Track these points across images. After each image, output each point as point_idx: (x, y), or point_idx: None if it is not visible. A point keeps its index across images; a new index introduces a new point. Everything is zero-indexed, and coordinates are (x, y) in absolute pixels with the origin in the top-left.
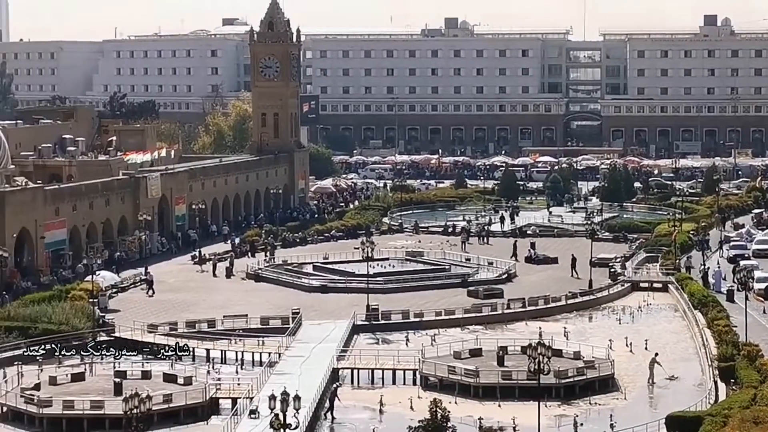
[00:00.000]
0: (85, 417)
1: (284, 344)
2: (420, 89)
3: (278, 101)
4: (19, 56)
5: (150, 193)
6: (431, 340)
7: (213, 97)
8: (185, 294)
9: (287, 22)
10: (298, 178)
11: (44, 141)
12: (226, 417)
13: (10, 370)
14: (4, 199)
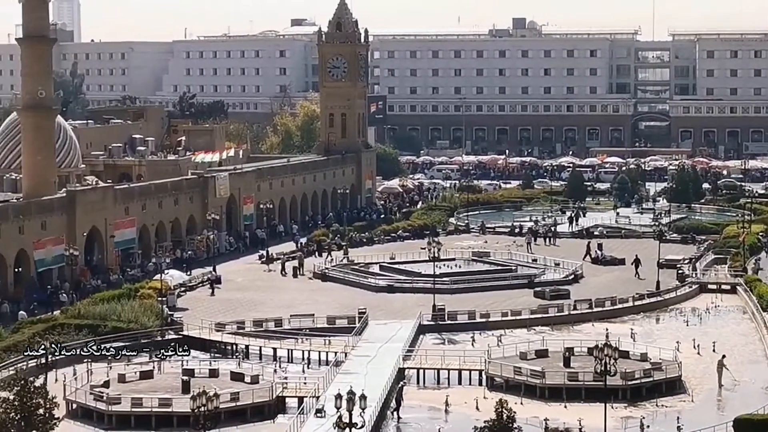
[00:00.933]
0: (153, 414)
1: (350, 344)
2: (487, 89)
3: (346, 101)
4: (91, 57)
5: (218, 193)
6: (497, 340)
7: (281, 98)
8: (252, 293)
9: (355, 23)
10: (366, 178)
11: (114, 141)
12: (292, 416)
13: (80, 367)
14: (75, 198)
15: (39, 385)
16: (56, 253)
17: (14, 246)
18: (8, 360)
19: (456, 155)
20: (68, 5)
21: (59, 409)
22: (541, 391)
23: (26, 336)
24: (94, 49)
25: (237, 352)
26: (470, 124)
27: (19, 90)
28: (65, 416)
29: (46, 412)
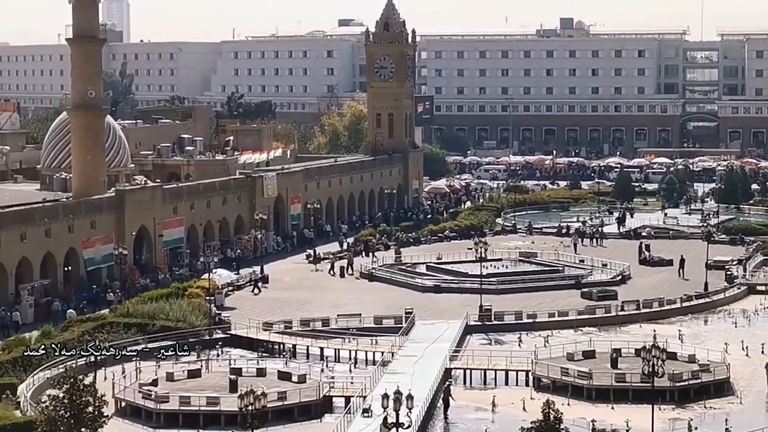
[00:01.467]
0: (201, 413)
1: (397, 344)
2: (535, 90)
3: (393, 101)
4: (140, 57)
5: (266, 193)
6: (544, 341)
7: (329, 98)
8: (300, 292)
9: (402, 23)
10: (413, 178)
11: (163, 140)
12: (339, 415)
13: (129, 365)
14: (124, 197)
15: (88, 383)
16: (105, 252)
17: (64, 245)
18: (58, 358)
19: (503, 155)
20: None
21: (108, 407)
22: (588, 392)
23: (76, 334)
24: (144, 49)
25: (284, 352)
26: (517, 125)
27: (69, 90)
28: (114, 414)
29: (95, 410)
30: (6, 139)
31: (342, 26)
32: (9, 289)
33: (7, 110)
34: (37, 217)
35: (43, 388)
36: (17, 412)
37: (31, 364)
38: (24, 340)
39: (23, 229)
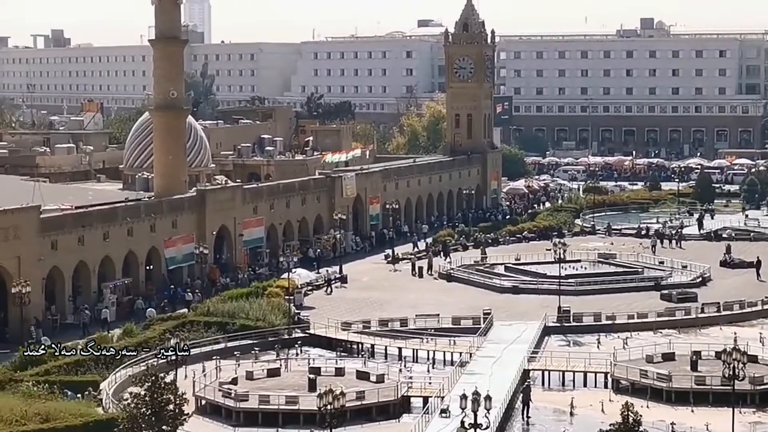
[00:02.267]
0: (280, 412)
1: (475, 344)
2: (614, 90)
3: (472, 102)
4: (221, 57)
5: (345, 193)
6: (623, 343)
7: (408, 98)
8: (378, 292)
9: (482, 24)
10: (491, 178)
11: (244, 141)
12: (417, 415)
13: (209, 364)
14: (205, 197)
15: (169, 381)
16: (186, 251)
17: (146, 244)
18: (140, 356)
19: (582, 156)
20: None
21: (188, 404)
22: (668, 395)
23: (157, 333)
24: (224, 50)
25: (363, 351)
26: (596, 125)
27: (151, 90)
28: (194, 412)
29: (176, 407)
30: (89, 139)
31: (421, 27)
32: (92, 288)
33: (90, 110)
34: (120, 216)
35: (124, 386)
36: (99, 409)
37: (113, 362)
38: (106, 338)
39: (106, 228)
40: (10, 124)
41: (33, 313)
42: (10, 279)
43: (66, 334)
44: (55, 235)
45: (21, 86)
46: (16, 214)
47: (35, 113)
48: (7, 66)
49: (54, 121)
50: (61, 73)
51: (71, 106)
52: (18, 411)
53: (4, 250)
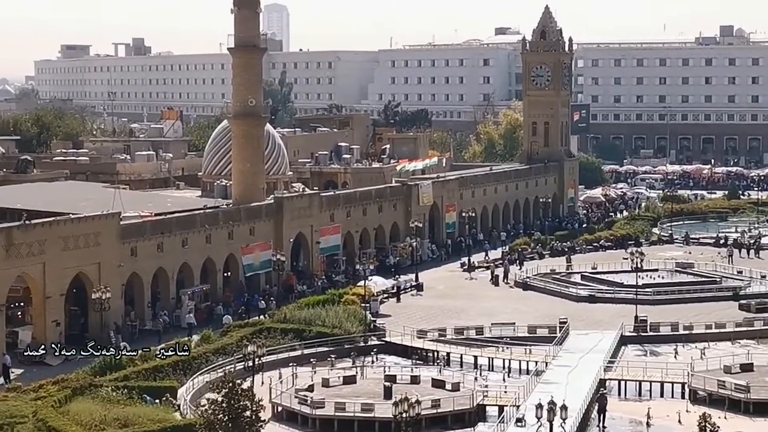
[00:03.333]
0: (356, 419)
1: (551, 353)
2: (693, 98)
3: (549, 110)
4: (298, 66)
5: (421, 201)
6: (701, 353)
7: (484, 106)
8: (454, 300)
9: (559, 31)
10: (568, 187)
11: (321, 148)
12: (492, 424)
13: (285, 371)
14: (282, 204)
15: (246, 387)
16: (264, 258)
17: (224, 251)
18: (217, 362)
19: (660, 164)
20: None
21: (265, 411)
22: (746, 406)
23: (234, 339)
24: (302, 58)
25: (438, 359)
26: (675, 133)
27: (230, 98)
28: (270, 419)
29: (253, 414)
30: (169, 146)
31: (498, 35)
32: (170, 294)
33: (170, 118)
34: (198, 223)
35: (202, 392)
36: (177, 415)
37: (191, 368)
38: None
39: (185, 235)
40: (91, 132)
41: (113, 319)
42: (90, 285)
43: (144, 340)
44: (134, 242)
45: (102, 94)
46: (97, 221)
47: (116, 121)
48: (89, 74)
49: (134, 129)
50: (141, 81)
51: (151, 113)
52: (97, 416)
53: (85, 256)
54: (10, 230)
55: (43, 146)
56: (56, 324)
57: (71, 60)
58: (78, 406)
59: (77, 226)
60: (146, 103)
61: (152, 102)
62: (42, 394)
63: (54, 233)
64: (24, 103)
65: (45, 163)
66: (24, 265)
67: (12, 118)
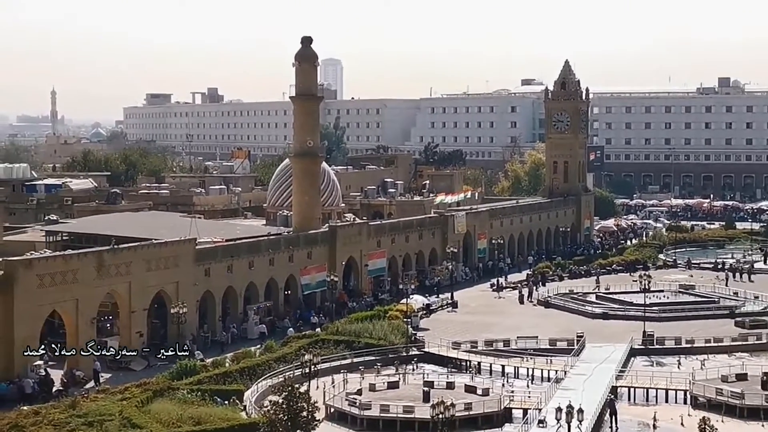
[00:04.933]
0: (399, 420)
1: (569, 363)
2: (694, 141)
3: (568, 151)
4: (350, 111)
5: (456, 229)
6: (701, 364)
7: (512, 147)
8: (484, 316)
9: (578, 82)
10: (584, 218)
11: (369, 183)
12: (517, 425)
13: (337, 376)
14: (336, 232)
15: (303, 391)
16: (319, 278)
17: (285, 272)
18: (278, 368)
19: (665, 198)
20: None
21: (319, 412)
22: (741, 411)
23: (293, 349)
24: (354, 105)
25: (470, 368)
26: (678, 171)
27: (291, 140)
28: (324, 419)
29: (309, 414)
30: (238, 181)
31: (524, 85)
32: (239, 309)
33: (240, 157)
34: (263, 248)
35: (265, 395)
36: (243, 414)
37: (256, 374)
38: (249, 353)
39: (251, 258)
40: (171, 169)
41: (189, 331)
42: (169, 301)
43: (216, 350)
44: (208, 264)
45: (181, 136)
46: (176, 246)
47: (193, 159)
48: (170, 119)
49: (208, 166)
50: (215, 125)
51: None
52: (174, 415)
53: (165, 276)
54: (101, 253)
55: (130, 181)
56: (140, 335)
57: (155, 107)
58: (158, 406)
59: (159, 250)
60: (219, 143)
61: (224, 143)
62: (127, 396)
63: (139, 256)
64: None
65: (131, 196)
66: (113, 284)
67: (104, 156)
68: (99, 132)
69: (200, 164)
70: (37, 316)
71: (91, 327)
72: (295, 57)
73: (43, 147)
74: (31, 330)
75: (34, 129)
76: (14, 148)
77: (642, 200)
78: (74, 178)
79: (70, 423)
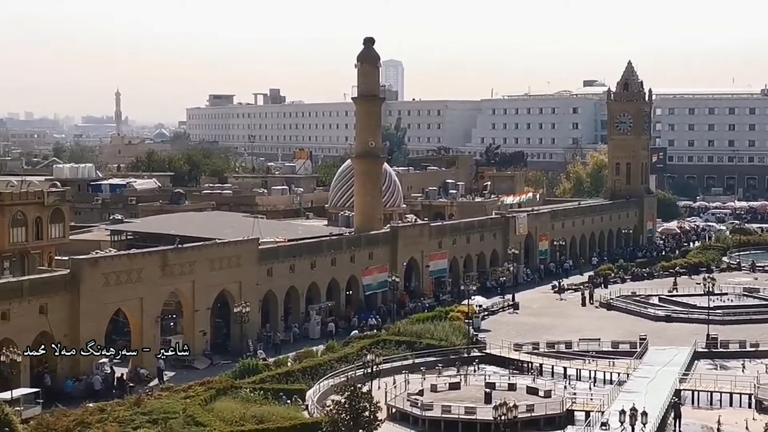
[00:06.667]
0: (460, 421)
1: (632, 366)
2: (758, 142)
3: (630, 152)
4: (411, 113)
5: (518, 231)
6: (766, 367)
7: (573, 149)
8: (546, 318)
9: (640, 84)
10: (647, 220)
11: (430, 184)
12: (579, 427)
13: (399, 377)
14: (397, 233)
15: (366, 391)
16: (381, 279)
17: (346, 272)
18: (340, 368)
19: (729, 201)
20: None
21: (381, 412)
22: None
23: (355, 349)
24: (415, 106)
25: (532, 370)
26: (742, 174)
27: (353, 141)
28: (386, 419)
29: (371, 414)
30: (300, 182)
31: (586, 86)
32: (300, 309)
33: (301, 158)
34: (325, 248)
35: (327, 394)
36: (305, 414)
37: (318, 373)
38: (311, 353)
39: (313, 258)
40: (234, 169)
41: (251, 330)
42: (232, 300)
43: (277, 350)
44: (270, 264)
45: (243, 137)
46: (239, 246)
47: (255, 160)
48: (233, 120)
49: (270, 167)
50: (277, 125)
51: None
52: (237, 413)
53: (229, 275)
54: (165, 253)
55: (193, 181)
56: (203, 333)
57: (217, 107)
58: (221, 405)
59: (222, 249)
60: (281, 144)
61: (286, 144)
62: (190, 394)
63: (202, 255)
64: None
65: (195, 196)
66: (176, 283)
67: (167, 157)
68: (162, 132)
69: (262, 165)
70: (103, 314)
71: (155, 326)
72: (358, 58)
73: (107, 147)
74: (96, 328)
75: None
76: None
77: (705, 202)
78: (138, 178)
79: (134, 420)
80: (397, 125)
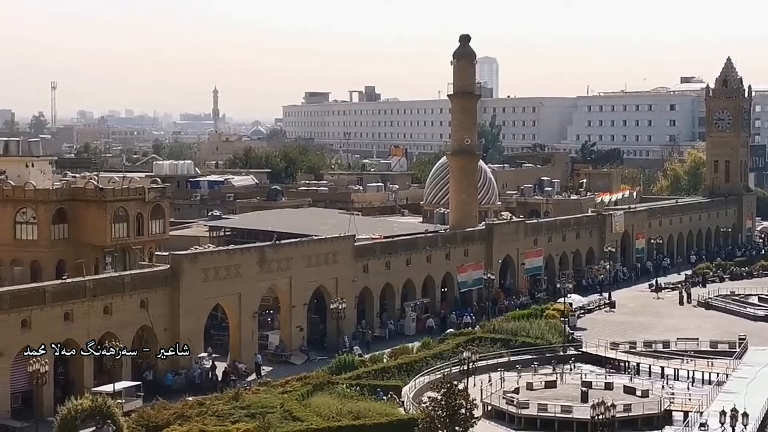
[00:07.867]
0: (556, 419)
1: (731, 366)
2: None
3: (729, 150)
4: (506, 110)
5: (614, 229)
6: None
7: (671, 146)
8: (643, 317)
9: (740, 80)
10: (746, 218)
11: (526, 182)
12: (678, 428)
13: (494, 375)
14: (493, 230)
15: (462, 388)
16: (476, 276)
17: (442, 269)
18: (435, 365)
19: None
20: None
21: (477, 409)
22: None
23: (450, 346)
24: (510, 103)
25: (629, 369)
26: None
27: (448, 138)
28: (482, 416)
29: (467, 411)
30: (395, 179)
31: (684, 83)
32: (396, 305)
33: (397, 155)
34: (420, 245)
35: (423, 391)
36: (401, 410)
37: (413, 370)
38: (407, 349)
39: (408, 255)
40: (330, 166)
41: (347, 326)
42: (329, 296)
43: (374, 345)
44: (366, 260)
45: (339, 134)
46: (335, 242)
47: (350, 157)
48: (328, 117)
49: (366, 164)
50: (372, 123)
51: (380, 150)
52: (334, 408)
53: (325, 272)
54: (262, 249)
55: (290, 178)
56: (300, 329)
57: (313, 105)
58: (318, 400)
59: (318, 246)
60: (376, 141)
61: (381, 141)
62: (288, 389)
63: (299, 252)
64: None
65: (291, 192)
66: (274, 279)
67: (264, 154)
68: (259, 130)
69: (358, 162)
70: (202, 309)
71: (253, 321)
72: (453, 55)
73: (205, 144)
74: (195, 322)
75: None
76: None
77: None
78: (236, 175)
79: (233, 414)
80: (492, 122)
